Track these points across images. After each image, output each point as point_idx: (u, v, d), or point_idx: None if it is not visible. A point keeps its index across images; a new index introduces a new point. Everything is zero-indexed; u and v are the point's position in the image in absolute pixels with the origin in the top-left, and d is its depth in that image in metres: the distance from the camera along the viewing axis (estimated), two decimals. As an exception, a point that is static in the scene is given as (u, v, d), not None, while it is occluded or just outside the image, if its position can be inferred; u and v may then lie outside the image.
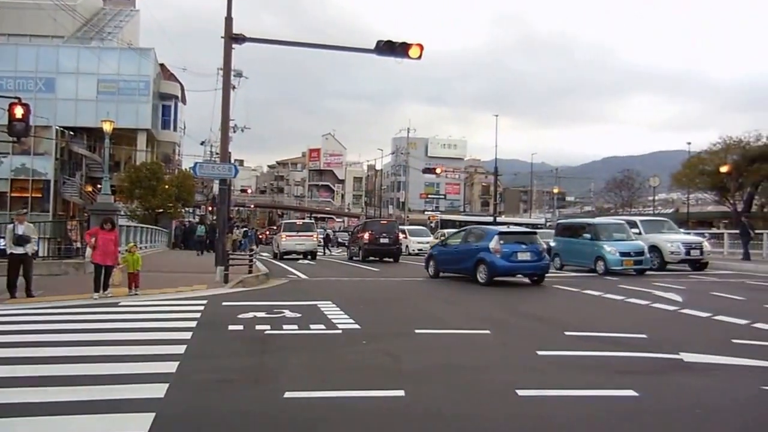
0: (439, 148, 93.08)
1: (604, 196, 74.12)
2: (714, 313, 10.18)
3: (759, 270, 20.89)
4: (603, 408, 5.02)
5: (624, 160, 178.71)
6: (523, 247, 15.68)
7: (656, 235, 21.18)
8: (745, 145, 43.55)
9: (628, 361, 6.77)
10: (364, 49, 16.03)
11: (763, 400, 5.33)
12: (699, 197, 54.83)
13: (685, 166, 48.74)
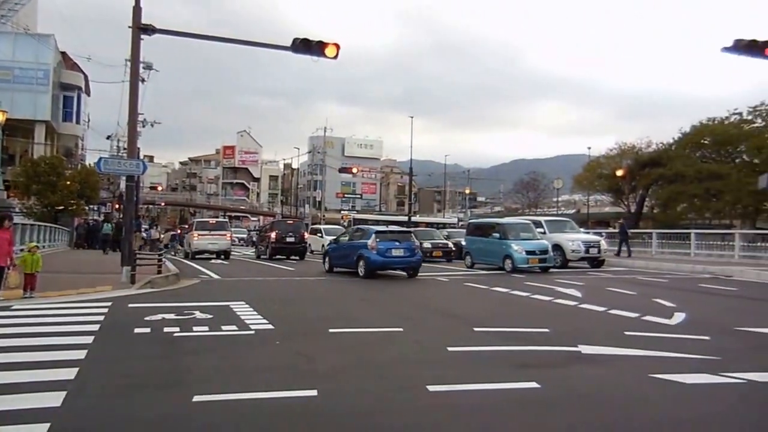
0: (355, 148, 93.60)
1: (512, 196, 77.07)
2: (609, 307, 10.86)
3: (649, 267, 22.47)
4: (507, 400, 5.24)
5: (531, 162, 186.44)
6: (397, 245, 17.48)
7: (559, 234, 22.28)
8: (638, 151, 46.62)
9: (531, 355, 7.10)
10: (280, 46, 15.81)
11: (650, 386, 5.76)
12: (598, 199, 58.13)
13: (585, 169, 51.49)
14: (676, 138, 43.86)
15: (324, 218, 57.38)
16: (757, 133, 38.66)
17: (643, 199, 46.04)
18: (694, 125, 42.89)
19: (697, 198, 39.81)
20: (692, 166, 39.51)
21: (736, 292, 14.76)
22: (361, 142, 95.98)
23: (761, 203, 35.18)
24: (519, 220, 23.80)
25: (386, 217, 54.64)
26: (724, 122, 41.04)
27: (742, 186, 34.92)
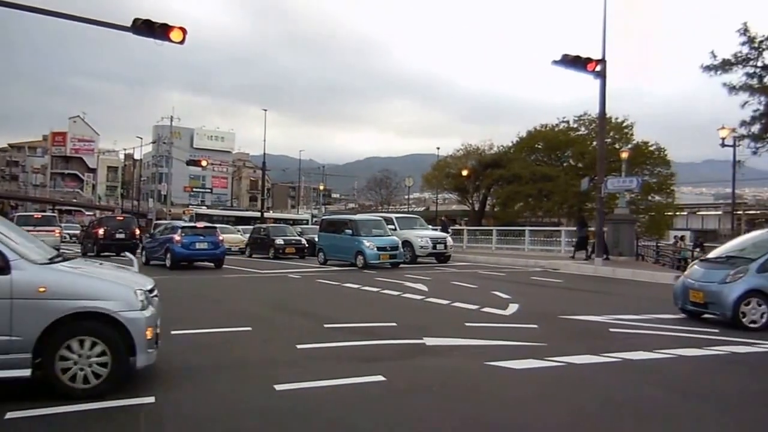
0: (205, 140, 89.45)
1: (365, 193, 78.50)
2: (452, 300, 11.48)
3: (489, 261, 24.09)
4: (354, 394, 5.35)
5: (384, 160, 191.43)
6: (201, 239, 19.36)
7: (409, 231, 23.08)
8: (482, 153, 49.62)
9: (379, 349, 7.29)
10: (120, 26, 14.62)
11: (485, 373, 6.21)
12: (446, 197, 61.02)
13: (434, 168, 53.75)
14: (514, 141, 47.29)
15: (170, 213, 54.37)
16: (580, 140, 42.84)
17: (485, 198, 49.06)
18: (529, 130, 46.52)
19: (531, 198, 43.13)
20: (527, 168, 42.71)
21: (562, 284, 16.28)
22: (211, 133, 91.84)
23: (584, 204, 38.94)
24: (371, 217, 24.27)
25: (234, 212, 53.12)
26: (554, 129, 44.95)
27: (569, 188, 38.48)
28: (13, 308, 4.82)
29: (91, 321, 5.06)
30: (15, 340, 4.79)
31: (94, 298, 5.08)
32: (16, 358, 4.79)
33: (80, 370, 4.98)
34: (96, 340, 5.03)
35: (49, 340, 4.89)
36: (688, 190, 76.57)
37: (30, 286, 4.87)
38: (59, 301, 4.94)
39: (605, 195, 21.84)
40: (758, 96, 21.11)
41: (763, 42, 20.70)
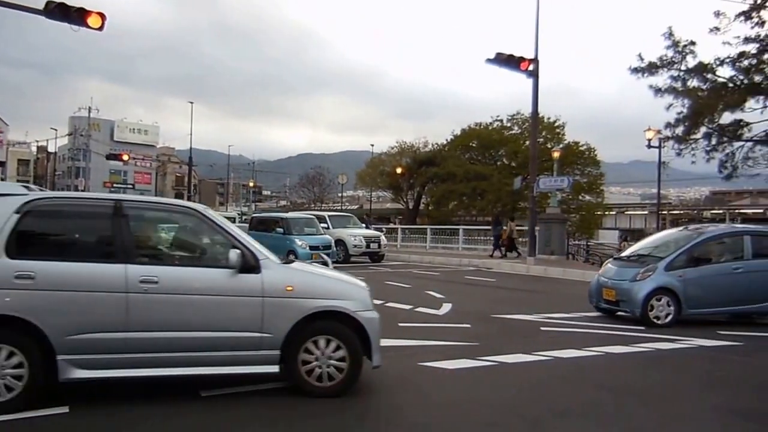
0: (127, 133, 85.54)
1: (297, 191, 77.47)
2: (386, 300, 11.32)
3: (424, 261, 24.14)
4: (285, 398, 5.12)
5: (317, 157, 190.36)
6: None
7: (342, 229, 22.83)
8: (416, 150, 49.96)
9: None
10: (31, 8, 13.59)
11: (419, 373, 6.13)
12: (380, 195, 61.04)
13: (368, 166, 53.75)
14: (449, 139, 47.81)
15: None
16: (514, 139, 43.83)
17: (420, 196, 49.40)
18: (464, 128, 47.18)
19: (465, 196, 43.73)
20: (462, 167, 43.26)
21: (494, 283, 16.45)
22: (133, 126, 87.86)
23: (517, 203, 39.83)
24: (303, 215, 23.86)
25: None
26: (488, 127, 45.77)
27: (502, 186, 39.24)
28: (264, 306, 4.98)
29: (330, 320, 5.19)
30: (265, 337, 4.97)
31: (334, 298, 5.25)
32: (265, 355, 4.98)
33: (319, 368, 5.11)
34: (334, 339, 5.14)
35: (293, 339, 5.02)
36: (616, 190, 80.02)
37: (278, 284, 5.06)
38: (304, 300, 5.11)
39: (537, 194, 22.31)
40: (682, 99, 22.04)
41: (686, 46, 21.61)
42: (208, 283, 4.96)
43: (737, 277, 9.85)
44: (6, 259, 4.57)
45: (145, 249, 5.26)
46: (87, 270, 4.77)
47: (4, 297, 4.51)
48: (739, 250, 10.14)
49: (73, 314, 4.63)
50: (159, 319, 4.80)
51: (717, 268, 10.06)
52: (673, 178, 38.39)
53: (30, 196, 4.86)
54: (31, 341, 4.53)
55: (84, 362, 4.62)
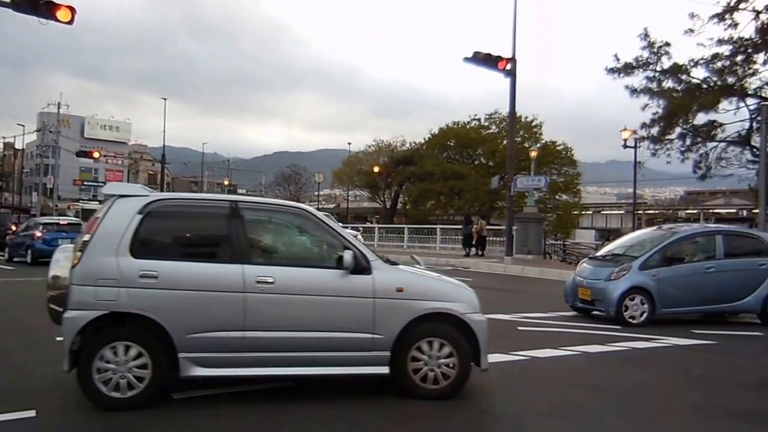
0: (98, 130, 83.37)
1: (273, 190, 76.81)
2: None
3: (401, 261, 23.93)
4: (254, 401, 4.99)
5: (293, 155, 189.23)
6: (65, 235, 18.83)
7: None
8: (394, 149, 49.84)
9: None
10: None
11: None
12: (357, 194, 60.80)
13: (345, 164, 53.48)
14: (427, 138, 47.75)
15: (57, 209, 50.41)
16: (491, 138, 43.92)
17: (397, 195, 49.30)
18: (441, 127, 47.14)
19: (443, 195, 43.71)
20: (439, 166, 43.23)
21: (472, 283, 16.21)
22: (105, 123, 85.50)
23: (494, 202, 39.92)
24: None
25: None
26: (466, 126, 45.81)
27: (480, 186, 39.28)
28: (376, 307, 4.99)
29: (439, 322, 5.17)
30: (377, 338, 4.98)
31: (444, 300, 5.24)
32: (376, 356, 4.99)
33: (430, 371, 5.09)
34: (443, 342, 5.10)
35: (402, 340, 5.02)
36: (593, 189, 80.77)
37: (389, 285, 5.06)
38: (415, 301, 5.10)
39: (515, 193, 22.33)
40: (657, 99, 22.25)
41: (662, 47, 21.83)
42: (321, 284, 5.01)
43: (709, 276, 9.91)
44: (131, 259, 4.68)
45: (260, 249, 5.33)
46: (207, 270, 4.87)
47: (130, 295, 4.62)
48: (711, 249, 10.22)
49: (193, 313, 4.73)
50: (274, 318, 4.88)
51: (690, 267, 10.13)
52: (648, 178, 38.79)
53: (151, 198, 4.97)
54: (154, 339, 4.65)
55: (204, 360, 4.72)
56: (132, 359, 4.59)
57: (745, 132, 21.74)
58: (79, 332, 4.53)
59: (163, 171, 48.81)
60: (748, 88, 21.37)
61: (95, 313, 4.56)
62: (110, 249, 4.68)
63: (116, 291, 4.60)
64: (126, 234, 4.72)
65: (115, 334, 4.61)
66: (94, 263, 4.64)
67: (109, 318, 4.60)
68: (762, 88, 21.38)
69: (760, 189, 19.08)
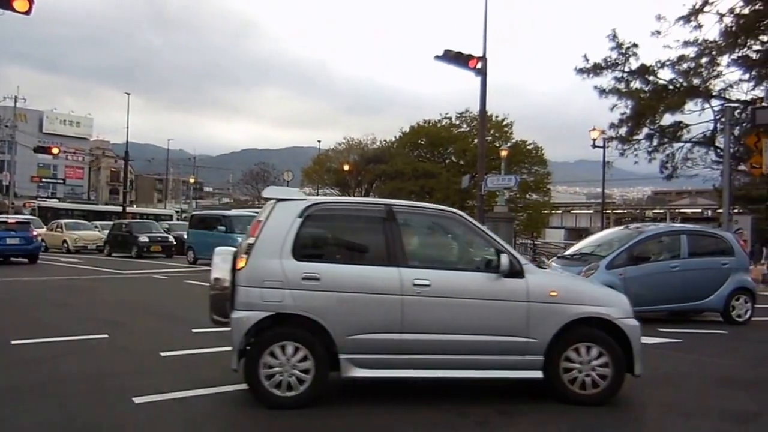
0: (57, 125, 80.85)
1: (241, 188, 75.89)
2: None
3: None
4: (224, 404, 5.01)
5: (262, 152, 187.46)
6: (13, 234, 19.28)
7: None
8: (364, 147, 49.65)
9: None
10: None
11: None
12: (327, 192, 60.36)
13: (314, 162, 53.07)
14: (398, 137, 47.68)
15: (13, 206, 48.60)
16: (462, 137, 44.04)
17: (367, 194, 49.11)
18: (412, 126, 47.09)
19: (413, 194, 43.60)
20: (410, 164, 43.22)
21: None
22: (64, 117, 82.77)
23: (465, 201, 40.02)
24: (246, 213, 23.20)
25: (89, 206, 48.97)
26: (437, 125, 45.84)
27: (451, 185, 39.38)
28: (530, 311, 4.99)
29: (592, 327, 5.12)
30: (531, 342, 4.97)
31: (597, 304, 5.17)
32: (530, 360, 4.99)
33: (586, 376, 5.04)
34: (596, 347, 5.05)
35: (555, 345, 5.00)
36: (563, 189, 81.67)
37: (543, 289, 5.05)
38: (568, 305, 5.07)
39: (485, 193, 22.33)
40: (625, 100, 22.56)
41: (629, 48, 22.12)
42: (475, 287, 5.05)
43: (674, 275, 10.03)
44: (294, 261, 4.82)
45: (415, 252, 5.38)
46: (365, 273, 4.97)
47: (294, 297, 4.77)
48: (677, 249, 10.36)
49: (354, 315, 4.84)
50: (431, 321, 4.92)
51: (656, 266, 10.24)
52: (617, 178, 39.48)
53: (309, 201, 5.13)
54: (316, 340, 4.77)
55: (363, 361, 4.84)
56: (296, 359, 4.74)
57: (709, 133, 22.18)
58: (247, 332, 4.71)
59: (126, 168, 47.53)
60: (712, 90, 21.79)
61: (262, 314, 4.74)
62: (274, 252, 4.83)
63: (281, 293, 4.76)
64: (288, 237, 4.86)
65: (280, 335, 4.78)
66: (259, 266, 4.81)
67: (273, 318, 4.76)
68: (726, 89, 21.84)
69: (723, 189, 19.48)
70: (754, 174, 19.96)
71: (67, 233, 27.21)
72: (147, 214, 43.96)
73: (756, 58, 21.13)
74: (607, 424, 4.89)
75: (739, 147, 20.91)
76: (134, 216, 37.16)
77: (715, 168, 22.78)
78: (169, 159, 77.12)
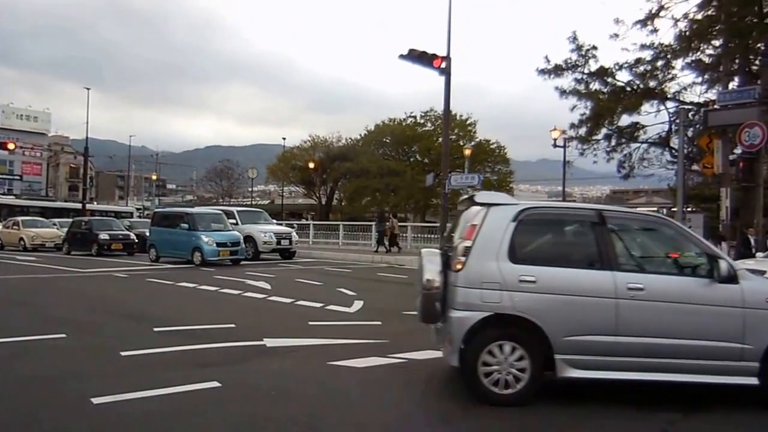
0: (14, 119, 78.54)
1: (205, 185, 74.96)
2: (296, 298, 11.06)
3: (336, 257, 23.91)
4: (184, 404, 4.88)
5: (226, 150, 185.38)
6: None
7: (252, 225, 22.16)
8: (330, 145, 49.59)
9: (215, 353, 6.77)
10: None
11: (327, 373, 5.95)
12: (292, 190, 60.12)
13: (279, 159, 52.76)
14: (363, 135, 47.75)
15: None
16: (427, 136, 44.36)
17: (332, 192, 49.10)
18: (377, 124, 47.31)
19: (378, 192, 43.87)
20: (375, 163, 43.39)
21: (407, 279, 16.41)
22: (21, 112, 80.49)
23: (429, 199, 40.37)
24: (210, 210, 23.00)
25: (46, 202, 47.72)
26: (402, 123, 46.06)
27: (415, 183, 39.65)
28: (746, 317, 4.97)
29: None
30: (746, 348, 4.96)
31: None
32: (745, 366, 4.97)
33: None
34: None
35: None
36: (525, 187, 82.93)
37: (759, 295, 5.04)
38: None
39: (449, 191, 22.57)
40: (585, 101, 22.97)
41: (589, 50, 22.55)
42: (689, 292, 5.07)
43: None
44: (510, 264, 5.00)
45: (627, 257, 5.43)
46: (580, 276, 5.09)
47: (512, 298, 4.93)
48: None
49: (569, 317, 4.96)
50: (645, 325, 4.99)
51: None
52: (577, 177, 40.24)
53: (522, 206, 5.27)
54: (533, 340, 4.94)
55: (578, 362, 4.96)
56: (513, 358, 4.93)
57: (664, 134, 22.73)
58: (468, 331, 4.91)
59: (86, 164, 46.43)
60: (667, 92, 22.36)
61: (482, 314, 4.94)
62: (491, 254, 5.03)
63: (499, 294, 4.95)
64: (504, 240, 5.05)
65: (498, 334, 4.96)
66: (478, 268, 5.01)
67: (491, 319, 4.94)
68: (680, 92, 22.39)
69: (677, 189, 20.03)
70: (707, 174, 20.54)
71: (24, 230, 26.52)
72: (107, 211, 42.98)
73: (708, 62, 21.77)
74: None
75: (693, 148, 21.50)
76: (94, 213, 36.34)
77: (670, 168, 23.40)
78: (131, 155, 75.58)
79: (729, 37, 20.24)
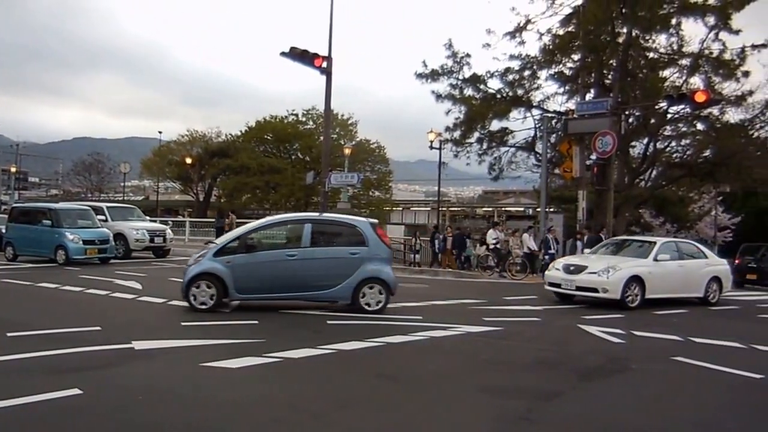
0: None
1: (72, 179, 69.89)
2: (169, 298, 10.74)
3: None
4: (40, 414, 4.63)
5: (98, 142, 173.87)
6: None
7: (123, 222, 21.11)
8: (208, 140, 48.11)
9: (78, 358, 6.47)
10: None
11: (201, 375, 5.85)
12: (168, 186, 57.57)
13: (155, 154, 50.44)
14: (243, 131, 46.75)
15: None
16: (308, 134, 44.24)
17: (211, 188, 47.66)
18: (258, 121, 46.42)
19: (259, 189, 43.17)
20: (256, 159, 42.64)
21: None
22: None
23: (310, 197, 40.27)
24: (76, 206, 21.55)
25: None
26: (283, 121, 45.61)
27: (296, 180, 39.45)
28: None
29: None
30: None
31: None
32: None
33: None
34: None
35: None
36: (403, 187, 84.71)
37: None
38: None
39: (329, 189, 22.77)
40: (459, 105, 24.08)
41: (463, 58, 23.69)
42: None
43: (292, 263, 9.85)
44: None
45: None
46: None
47: None
48: (298, 237, 10.17)
49: None
50: None
51: (269, 254, 10.08)
52: (452, 177, 41.97)
53: None
54: None
55: None
56: None
57: (530, 139, 24.38)
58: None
59: (-70, 154, 41.84)
60: (533, 101, 24.01)
61: None
62: None
63: None
64: None
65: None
66: None
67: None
68: (544, 101, 24.17)
69: (541, 190, 21.64)
70: (566, 177, 22.37)
71: None
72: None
73: (569, 75, 23.69)
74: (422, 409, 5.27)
75: (555, 153, 23.28)
76: None
77: (535, 171, 25.14)
78: (-15, 145, 68.79)
79: (586, 53, 22.16)
